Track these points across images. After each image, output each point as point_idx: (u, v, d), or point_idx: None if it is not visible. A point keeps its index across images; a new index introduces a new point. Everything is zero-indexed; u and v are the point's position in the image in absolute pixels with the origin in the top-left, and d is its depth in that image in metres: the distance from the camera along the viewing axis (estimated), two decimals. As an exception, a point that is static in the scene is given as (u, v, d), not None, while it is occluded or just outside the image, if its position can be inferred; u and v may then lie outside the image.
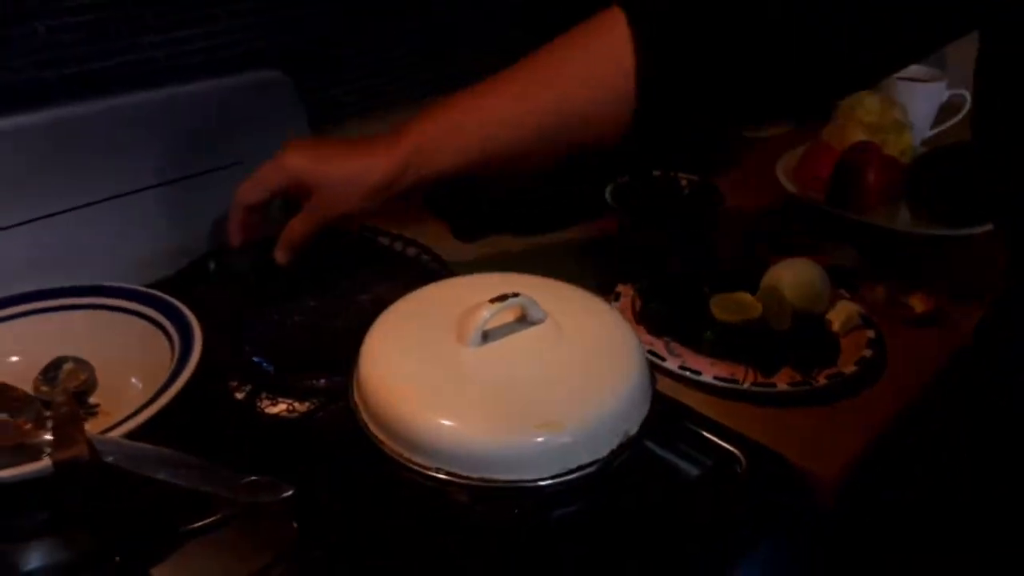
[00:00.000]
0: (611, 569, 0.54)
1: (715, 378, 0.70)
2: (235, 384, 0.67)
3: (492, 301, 0.54)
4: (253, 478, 0.45)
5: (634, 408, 0.53)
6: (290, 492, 0.44)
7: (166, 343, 0.62)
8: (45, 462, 0.48)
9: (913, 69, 1.20)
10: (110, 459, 0.47)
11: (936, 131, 1.17)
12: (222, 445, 0.62)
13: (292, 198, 0.71)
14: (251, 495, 0.44)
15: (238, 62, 0.88)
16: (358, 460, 0.53)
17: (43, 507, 0.54)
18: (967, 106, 1.15)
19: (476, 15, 1.11)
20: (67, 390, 0.59)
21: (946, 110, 1.16)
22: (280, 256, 0.71)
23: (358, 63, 1.00)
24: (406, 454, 0.50)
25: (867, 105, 1.07)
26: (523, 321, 0.56)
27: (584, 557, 0.55)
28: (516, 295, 0.55)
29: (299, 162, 0.68)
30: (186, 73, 0.83)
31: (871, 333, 0.75)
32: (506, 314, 0.55)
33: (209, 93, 0.82)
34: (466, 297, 0.57)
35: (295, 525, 0.56)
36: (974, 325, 0.70)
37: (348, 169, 0.68)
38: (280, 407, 0.68)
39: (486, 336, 0.54)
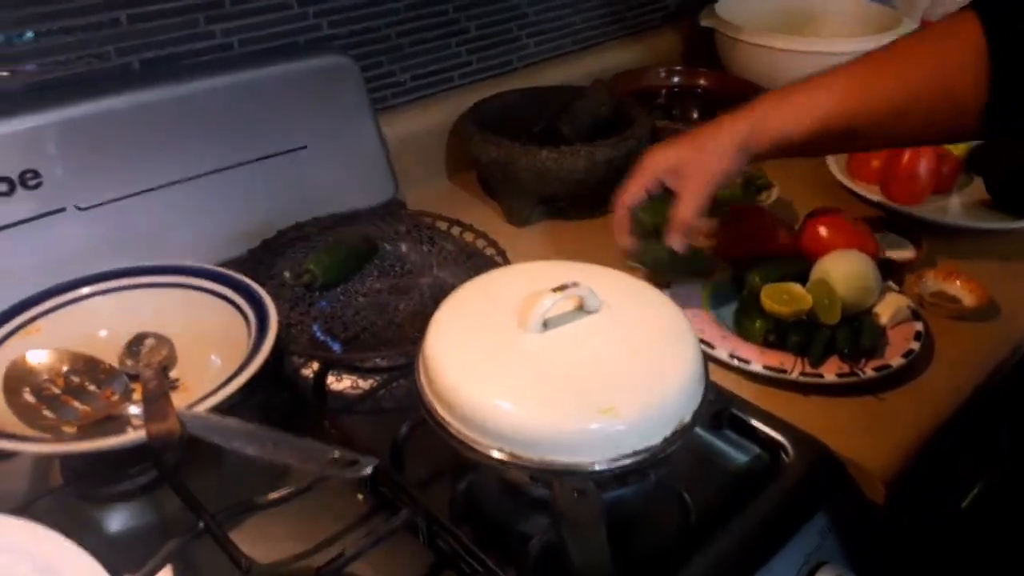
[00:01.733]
0: (656, 552, 0.57)
1: (764, 367, 0.71)
2: (302, 361, 0.71)
3: (553, 291, 0.57)
4: (337, 454, 0.48)
5: (688, 398, 0.55)
6: (373, 465, 0.47)
7: (243, 322, 0.66)
8: (140, 433, 0.52)
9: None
10: (199, 433, 0.50)
11: (992, 121, 1.16)
12: (293, 419, 0.66)
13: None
14: (339, 469, 0.47)
15: (306, 47, 0.91)
16: (422, 435, 0.57)
17: (133, 473, 0.58)
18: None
19: (533, 0, 1.12)
20: (152, 364, 0.63)
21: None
22: (676, 240, 0.75)
23: (421, 48, 1.02)
24: (469, 434, 0.53)
25: (923, 95, 1.06)
26: (581, 310, 0.58)
27: (632, 539, 0.57)
28: (576, 285, 0.58)
29: (662, 155, 0.75)
30: (258, 58, 0.86)
31: (919, 326, 0.76)
32: (565, 303, 0.58)
33: (279, 78, 0.86)
34: (527, 285, 0.60)
35: (362, 497, 0.61)
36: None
37: (704, 142, 0.74)
38: (345, 383, 0.72)
39: (546, 324, 0.57)
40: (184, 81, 0.80)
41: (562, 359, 0.55)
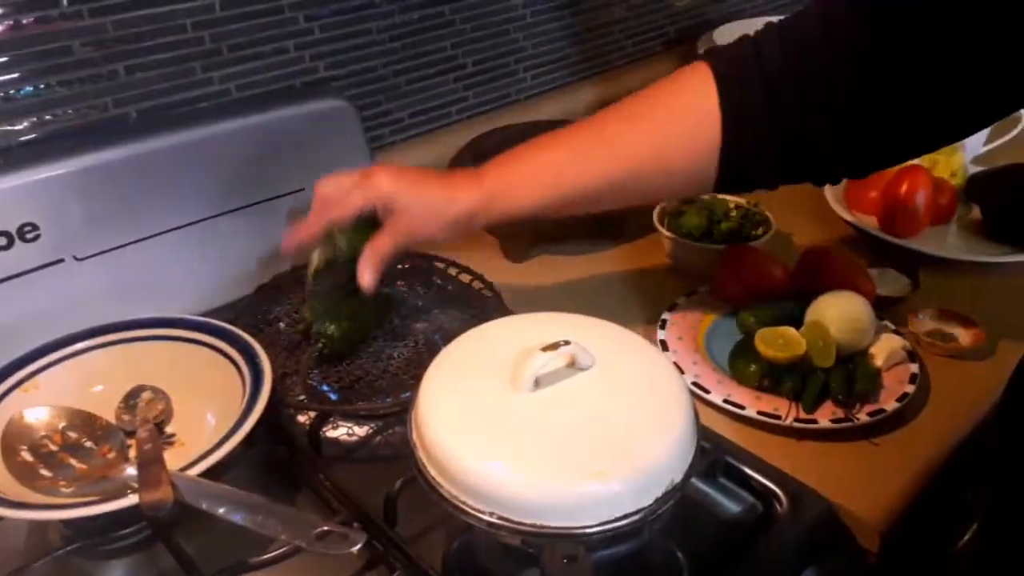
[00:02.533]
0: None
1: (759, 413, 0.72)
2: (297, 401, 0.71)
3: (544, 349, 0.57)
4: (326, 528, 0.48)
5: (680, 457, 0.55)
6: (361, 544, 0.48)
7: (236, 374, 0.66)
8: (133, 499, 0.53)
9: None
10: (190, 500, 0.51)
11: (989, 148, 1.16)
12: (289, 471, 0.67)
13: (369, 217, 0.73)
14: (325, 547, 0.48)
15: (303, 91, 0.92)
16: (417, 487, 0.57)
17: (130, 531, 0.59)
18: (1023, 123, 1.13)
19: (530, 34, 1.13)
20: (148, 420, 0.63)
21: (999, 127, 1.15)
22: (366, 278, 0.71)
23: (419, 85, 1.03)
24: (461, 496, 0.53)
25: (920, 126, 1.06)
26: (573, 366, 0.59)
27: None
28: (567, 343, 0.58)
29: (388, 183, 0.71)
30: (256, 104, 0.87)
31: (914, 368, 0.76)
32: (557, 361, 0.58)
33: (277, 122, 0.86)
34: (519, 341, 0.60)
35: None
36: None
37: (433, 196, 0.71)
38: (340, 431, 0.72)
39: (538, 382, 0.57)
40: (181, 129, 0.81)
41: (553, 420, 0.55)
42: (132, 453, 0.61)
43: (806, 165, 0.68)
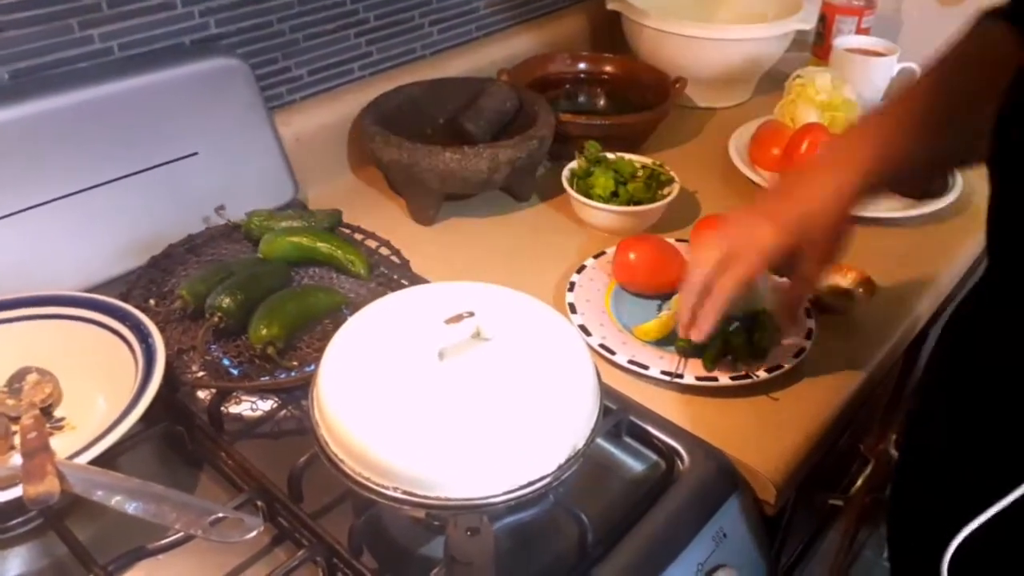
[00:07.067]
0: (553, 572, 0.58)
1: (662, 372, 0.73)
2: (196, 379, 0.69)
3: (447, 321, 0.57)
4: (220, 515, 0.47)
5: (581, 423, 0.56)
6: (257, 531, 0.47)
7: (128, 353, 0.64)
8: (17, 491, 0.50)
9: (866, 41, 1.22)
10: (79, 490, 0.49)
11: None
12: (191, 449, 0.65)
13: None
14: (220, 535, 0.46)
15: (193, 49, 0.87)
16: (321, 463, 0.56)
17: (18, 521, 0.56)
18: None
19: (433, -13, 1.09)
20: (34, 405, 0.60)
21: (897, 83, 1.19)
22: (789, 321, 0.72)
23: (318, 41, 0.99)
24: (364, 472, 0.53)
25: (819, 84, 1.09)
26: (477, 337, 0.58)
27: (529, 560, 0.59)
28: (471, 314, 0.58)
29: (779, 234, 0.64)
30: (141, 63, 0.82)
31: (811, 324, 0.78)
32: (460, 332, 0.58)
33: (164, 83, 0.82)
34: (423, 312, 0.59)
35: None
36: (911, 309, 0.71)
37: (822, 207, 0.64)
38: (243, 405, 0.71)
39: (441, 355, 0.57)
40: (59, 91, 0.76)
41: (456, 392, 0.55)
42: (17, 440, 0.58)
43: None
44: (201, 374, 0.68)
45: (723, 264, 0.65)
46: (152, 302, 0.74)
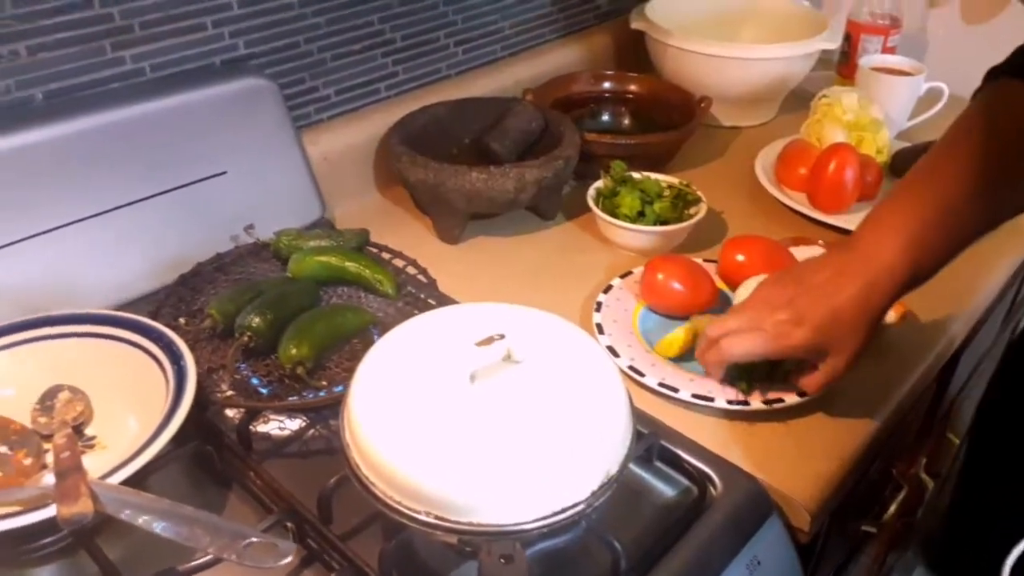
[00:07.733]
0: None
1: (693, 396, 0.72)
2: (225, 398, 0.68)
3: (478, 344, 0.57)
4: (254, 539, 0.47)
5: (614, 448, 0.55)
6: (291, 556, 0.46)
7: (159, 372, 0.64)
8: (50, 511, 0.50)
9: (892, 60, 1.22)
10: (112, 511, 0.49)
11: (913, 123, 1.19)
12: (220, 469, 0.64)
13: None
14: (254, 559, 0.46)
15: (222, 69, 0.88)
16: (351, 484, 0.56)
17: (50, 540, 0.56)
18: (944, 98, 1.16)
19: (460, 7, 1.10)
20: (66, 423, 0.60)
21: (924, 102, 1.18)
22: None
23: (345, 61, 0.99)
24: (396, 496, 0.52)
25: (845, 103, 1.08)
26: (508, 360, 0.58)
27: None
28: (502, 336, 0.57)
29: (809, 336, 0.65)
30: (171, 84, 0.82)
31: (843, 346, 0.77)
32: (491, 355, 0.57)
33: (194, 103, 0.82)
34: (453, 333, 0.59)
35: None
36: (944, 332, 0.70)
37: (848, 307, 0.65)
38: (271, 425, 0.70)
39: (472, 377, 0.56)
40: (92, 112, 0.76)
41: (488, 415, 0.54)
42: (50, 459, 0.58)
43: None
44: (230, 393, 0.68)
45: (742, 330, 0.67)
46: (182, 320, 0.74)
